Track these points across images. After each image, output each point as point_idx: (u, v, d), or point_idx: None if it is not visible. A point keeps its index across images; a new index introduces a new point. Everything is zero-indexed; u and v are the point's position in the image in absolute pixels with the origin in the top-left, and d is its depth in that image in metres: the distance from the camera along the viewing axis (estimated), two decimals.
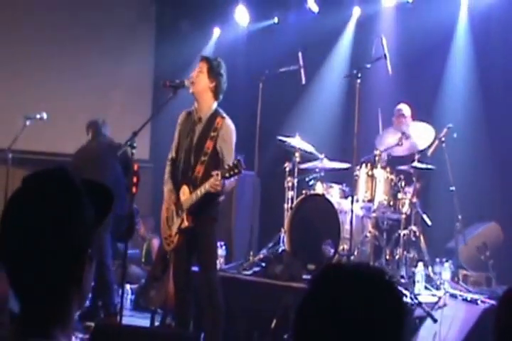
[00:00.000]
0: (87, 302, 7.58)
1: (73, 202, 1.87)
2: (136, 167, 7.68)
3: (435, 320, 6.22)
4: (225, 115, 6.44)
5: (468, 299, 6.22)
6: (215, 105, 6.51)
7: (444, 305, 6.37)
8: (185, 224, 6.34)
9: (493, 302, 5.88)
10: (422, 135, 8.22)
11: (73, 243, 1.85)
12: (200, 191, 6.19)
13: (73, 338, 5.29)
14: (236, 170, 5.97)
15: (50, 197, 1.85)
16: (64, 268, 1.85)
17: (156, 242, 8.00)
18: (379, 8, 10.29)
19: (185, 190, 6.35)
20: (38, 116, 8.85)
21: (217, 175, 5.97)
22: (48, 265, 1.83)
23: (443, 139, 8.26)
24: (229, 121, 6.42)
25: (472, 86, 9.27)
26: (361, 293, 1.87)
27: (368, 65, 7.65)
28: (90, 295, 7.69)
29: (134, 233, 8.09)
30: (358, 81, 7.52)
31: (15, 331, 1.87)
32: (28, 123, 8.80)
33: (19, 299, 1.89)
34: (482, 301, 6.05)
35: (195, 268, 6.63)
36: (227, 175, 5.97)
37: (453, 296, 6.44)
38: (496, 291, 6.98)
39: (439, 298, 6.67)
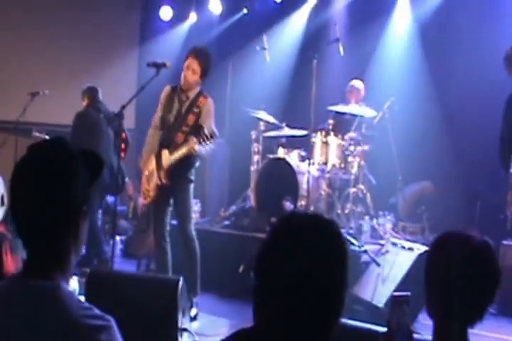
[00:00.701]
0: (83, 251, 7.64)
1: (71, 166, 1.94)
2: (124, 135, 7.71)
3: (378, 264, 6.34)
4: (207, 95, 6.49)
5: (406, 246, 6.31)
6: (199, 87, 6.57)
7: (386, 251, 6.47)
8: (164, 181, 6.39)
9: (426, 248, 6.01)
10: (368, 109, 8.35)
11: (71, 200, 1.91)
12: (178, 153, 6.24)
13: (72, 281, 5.42)
14: (210, 139, 6.04)
15: (51, 162, 1.92)
16: (63, 222, 1.91)
17: (141, 200, 8.00)
18: None
19: (165, 153, 6.38)
20: (41, 93, 8.83)
21: (193, 139, 6.05)
22: (50, 219, 1.89)
23: (386, 111, 8.40)
24: (210, 100, 6.47)
25: (413, 63, 9.33)
26: (313, 239, 1.92)
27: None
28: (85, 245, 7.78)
29: (123, 188, 8.09)
30: (315, 60, 7.61)
31: (21, 275, 1.93)
32: (32, 98, 8.77)
33: (25, 249, 1.95)
34: (417, 248, 6.16)
35: (174, 222, 6.72)
36: (201, 140, 6.04)
37: (393, 244, 6.53)
38: (429, 239, 7.14)
39: (382, 245, 6.79)
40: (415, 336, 2.59)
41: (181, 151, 6.21)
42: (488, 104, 7.94)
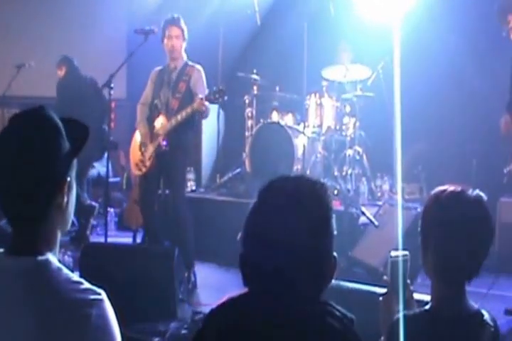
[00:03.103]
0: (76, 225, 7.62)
1: (51, 136, 1.89)
2: (113, 105, 7.64)
3: (376, 226, 6.33)
4: (193, 63, 6.49)
5: (404, 206, 6.30)
6: (185, 56, 6.52)
7: (384, 212, 6.46)
8: (162, 147, 6.32)
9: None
10: (360, 69, 8.26)
11: (52, 171, 1.87)
12: (181, 115, 6.19)
13: (65, 256, 5.38)
14: (220, 94, 5.99)
15: (31, 133, 1.87)
16: (46, 194, 1.87)
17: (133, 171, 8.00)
18: None
19: (161, 119, 6.34)
20: (27, 65, 8.77)
21: (202, 99, 5.99)
22: (32, 190, 1.85)
23: (380, 71, 8.30)
24: (198, 67, 6.47)
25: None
26: (297, 201, 1.93)
27: None
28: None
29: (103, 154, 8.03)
30: (305, 24, 7.52)
31: (7, 251, 1.91)
32: (18, 70, 8.71)
33: (9, 222, 1.92)
34: (414, 207, 6.14)
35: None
36: (212, 97, 6.01)
37: (391, 205, 6.53)
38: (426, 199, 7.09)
39: (380, 206, 6.77)
40: (415, 295, 2.60)
41: (186, 112, 6.15)
42: (488, 62, 7.85)
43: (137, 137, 6.58)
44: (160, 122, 6.35)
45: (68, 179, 1.92)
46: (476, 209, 2.37)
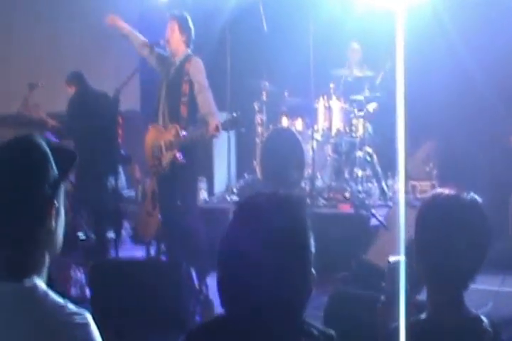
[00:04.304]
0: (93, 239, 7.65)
1: (38, 162, 1.93)
2: (120, 120, 7.64)
3: (386, 228, 6.30)
4: (194, 58, 6.43)
5: (415, 206, 6.26)
6: (188, 51, 6.53)
7: (394, 213, 6.43)
8: (178, 159, 6.31)
9: None
10: (370, 70, 8.28)
11: (40, 196, 1.91)
12: (193, 136, 6.16)
13: (77, 272, 5.42)
14: (235, 123, 6.01)
15: (19, 160, 1.93)
16: (34, 218, 1.91)
17: (148, 182, 7.98)
18: None
19: (175, 129, 6.31)
20: (41, 85, 8.63)
21: (217, 126, 5.97)
22: (20, 215, 1.89)
23: (388, 70, 8.29)
24: (194, 59, 6.41)
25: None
26: (270, 218, 1.92)
27: None
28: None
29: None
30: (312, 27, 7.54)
31: None
32: (31, 90, 8.55)
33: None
34: None
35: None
36: (227, 126, 6.00)
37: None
38: None
39: (390, 207, 6.76)
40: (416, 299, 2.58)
41: (202, 134, 6.13)
42: (495, 56, 7.80)
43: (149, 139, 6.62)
44: (173, 131, 6.36)
45: (56, 203, 1.96)
46: (471, 213, 2.34)
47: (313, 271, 1.97)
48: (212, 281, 6.24)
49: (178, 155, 6.29)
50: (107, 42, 10.54)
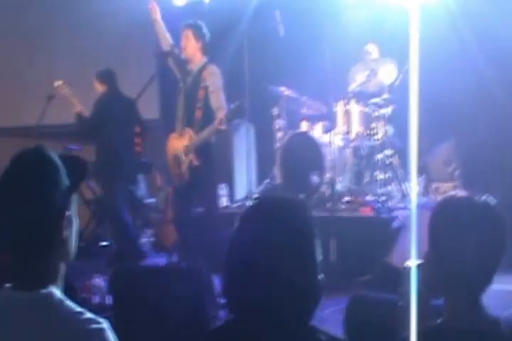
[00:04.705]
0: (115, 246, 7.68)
1: (49, 174, 1.96)
2: (139, 129, 7.66)
3: (408, 230, 6.26)
4: (210, 65, 6.52)
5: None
6: (204, 59, 6.56)
7: (416, 215, 6.38)
8: (194, 163, 6.38)
9: None
10: (387, 71, 8.23)
11: (52, 206, 1.94)
12: (204, 134, 6.25)
13: (96, 279, 5.44)
14: (238, 113, 6.05)
15: (30, 172, 1.96)
16: (46, 228, 1.94)
17: (169, 190, 7.98)
18: None
19: (189, 133, 6.39)
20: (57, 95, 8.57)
21: (221, 119, 6.02)
22: (33, 226, 1.91)
23: (406, 72, 8.24)
24: (212, 68, 6.50)
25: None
26: (275, 223, 1.94)
27: None
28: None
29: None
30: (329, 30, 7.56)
31: (10, 287, 1.96)
32: (49, 101, 8.37)
33: (12, 260, 1.96)
34: None
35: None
36: (230, 116, 6.05)
37: (424, 207, 6.45)
38: None
39: (411, 209, 6.71)
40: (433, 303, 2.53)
41: (209, 130, 6.21)
42: None
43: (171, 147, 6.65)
44: (188, 136, 6.40)
45: (67, 213, 1.99)
46: (483, 215, 2.30)
47: (321, 276, 1.97)
48: None
49: (194, 157, 6.33)
50: (126, 50, 10.61)
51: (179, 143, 6.50)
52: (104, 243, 8.54)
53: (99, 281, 5.54)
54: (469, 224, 2.28)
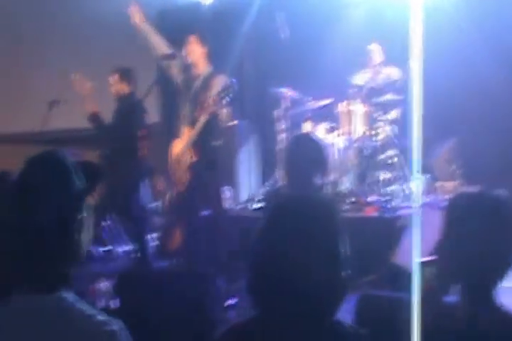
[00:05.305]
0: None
1: (62, 178, 1.98)
2: (144, 132, 7.60)
3: (412, 229, 6.27)
4: (218, 73, 6.55)
5: (440, 206, 6.24)
6: (211, 68, 6.57)
7: (420, 214, 6.40)
8: (193, 159, 6.40)
9: None
10: (391, 71, 8.26)
11: (65, 209, 1.96)
12: (201, 120, 6.26)
13: (104, 284, 5.45)
14: (229, 90, 6.04)
15: (43, 176, 1.97)
16: (58, 232, 1.95)
17: (172, 194, 8.00)
18: None
19: (186, 131, 6.44)
20: (61, 102, 8.15)
21: (213, 99, 6.04)
22: (44, 229, 1.92)
23: (410, 72, 8.24)
24: (221, 77, 6.51)
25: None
26: (302, 221, 1.98)
27: None
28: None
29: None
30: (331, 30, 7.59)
31: (24, 291, 1.96)
32: (51, 107, 8.24)
33: (23, 261, 1.97)
34: None
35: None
36: (222, 95, 6.05)
37: (428, 205, 6.48)
38: None
39: (416, 208, 6.72)
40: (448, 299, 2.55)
41: (204, 116, 6.20)
42: None
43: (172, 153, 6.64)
44: (185, 133, 6.40)
45: (81, 216, 2.01)
46: (496, 209, 2.33)
47: (346, 272, 2.00)
48: (239, 290, 6.26)
49: (192, 152, 6.32)
50: (127, 53, 10.61)
51: (180, 146, 6.51)
52: (106, 247, 8.54)
53: (105, 285, 5.54)
54: (482, 217, 2.31)
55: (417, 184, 7.64)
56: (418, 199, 7.34)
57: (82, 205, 2.02)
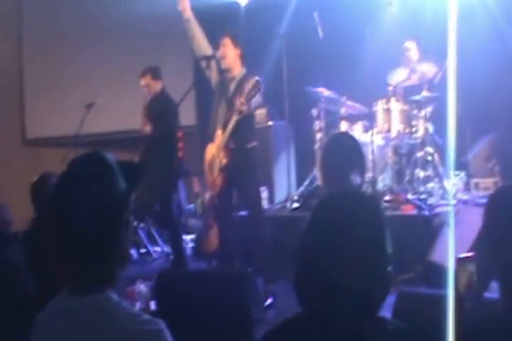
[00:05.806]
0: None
1: (107, 177, 2.01)
2: (180, 134, 7.63)
3: (450, 226, 6.26)
4: (252, 77, 6.47)
5: (478, 203, 6.21)
6: (244, 70, 6.60)
7: (458, 211, 6.38)
8: (223, 161, 6.42)
9: None
10: (427, 68, 8.23)
11: (109, 210, 1.98)
12: (232, 122, 6.27)
13: (141, 285, 5.50)
14: (256, 89, 6.06)
15: (88, 175, 1.99)
16: (104, 231, 1.97)
17: (207, 196, 8.02)
18: None
19: (220, 133, 6.44)
20: (98, 103, 8.53)
21: (241, 101, 6.08)
22: (89, 228, 1.94)
23: (447, 68, 8.21)
24: (254, 79, 6.41)
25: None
26: (348, 217, 2.00)
27: None
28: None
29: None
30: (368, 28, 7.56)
31: (69, 291, 2.00)
32: (89, 110, 8.56)
33: (70, 262, 2.00)
34: None
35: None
36: (249, 95, 6.07)
37: (465, 203, 6.45)
38: None
39: (453, 206, 6.70)
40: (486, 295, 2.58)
41: (234, 119, 6.24)
42: None
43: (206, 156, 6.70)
44: (218, 136, 6.44)
45: (126, 216, 2.03)
46: None
47: (390, 268, 2.03)
48: (278, 289, 6.28)
49: (224, 155, 6.35)
50: (163, 58, 10.69)
51: (213, 148, 6.55)
52: (143, 249, 8.60)
53: (142, 287, 5.60)
54: None
55: (453, 181, 7.64)
56: (455, 197, 7.33)
57: (127, 205, 2.04)
